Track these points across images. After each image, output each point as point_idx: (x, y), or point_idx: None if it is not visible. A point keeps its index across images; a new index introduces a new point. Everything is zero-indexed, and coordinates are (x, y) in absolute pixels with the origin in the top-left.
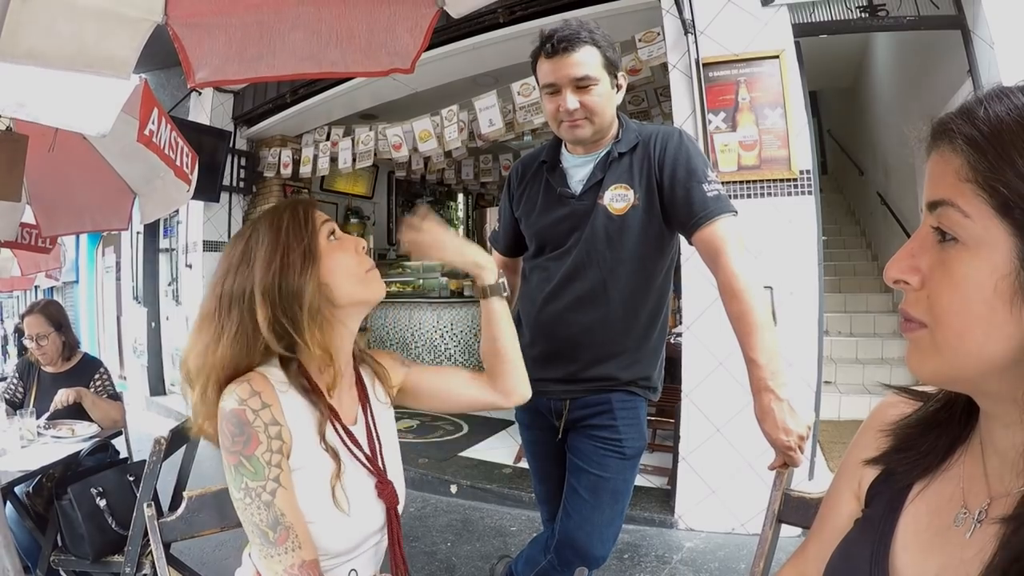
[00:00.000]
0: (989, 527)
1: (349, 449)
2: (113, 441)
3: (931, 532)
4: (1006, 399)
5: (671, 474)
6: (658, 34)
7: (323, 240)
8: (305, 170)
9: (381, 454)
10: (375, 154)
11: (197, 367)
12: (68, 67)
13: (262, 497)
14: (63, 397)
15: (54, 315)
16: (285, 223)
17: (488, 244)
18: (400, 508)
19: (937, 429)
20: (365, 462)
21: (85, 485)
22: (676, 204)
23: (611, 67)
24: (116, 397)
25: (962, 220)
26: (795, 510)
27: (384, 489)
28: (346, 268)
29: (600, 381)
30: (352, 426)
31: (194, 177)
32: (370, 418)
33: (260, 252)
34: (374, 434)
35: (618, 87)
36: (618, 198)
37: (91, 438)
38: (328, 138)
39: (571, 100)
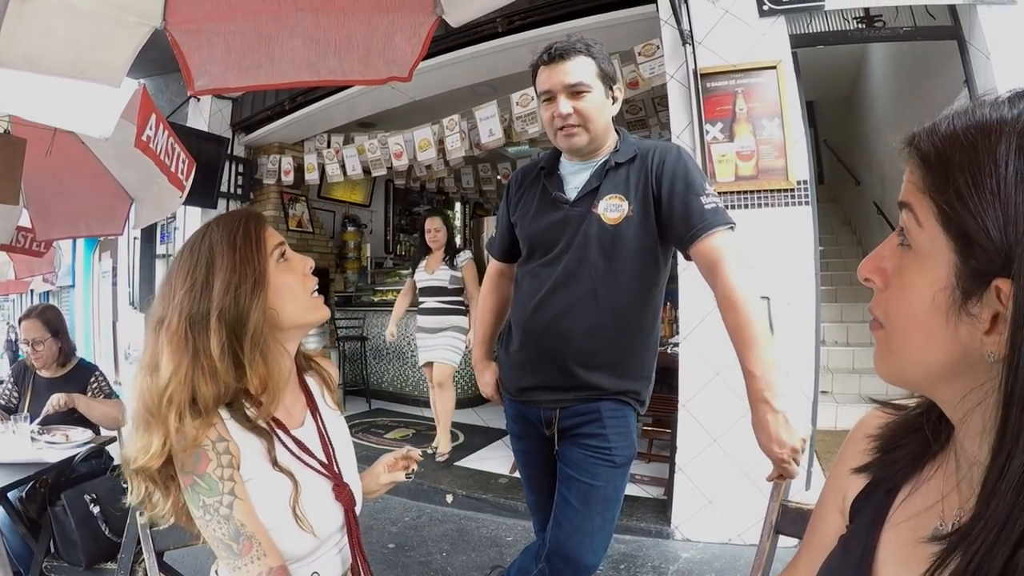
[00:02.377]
0: None
1: (300, 459)
2: (107, 447)
3: (911, 546)
4: (957, 406)
5: (667, 484)
6: (657, 47)
7: (272, 263)
8: (311, 177)
9: (335, 457)
10: (384, 163)
11: (175, 391)
12: (63, 73)
13: (220, 511)
14: (56, 401)
15: (51, 320)
16: (239, 243)
17: (484, 250)
18: (358, 509)
19: (919, 431)
20: (320, 468)
21: (79, 491)
22: (674, 217)
23: (606, 78)
24: (113, 395)
25: (916, 227)
26: (792, 521)
27: (341, 492)
28: (292, 291)
29: (589, 390)
30: (299, 428)
31: (188, 183)
32: (320, 423)
33: (220, 272)
34: (327, 438)
35: (614, 99)
36: (612, 208)
37: (85, 444)
38: (329, 145)
39: (564, 105)
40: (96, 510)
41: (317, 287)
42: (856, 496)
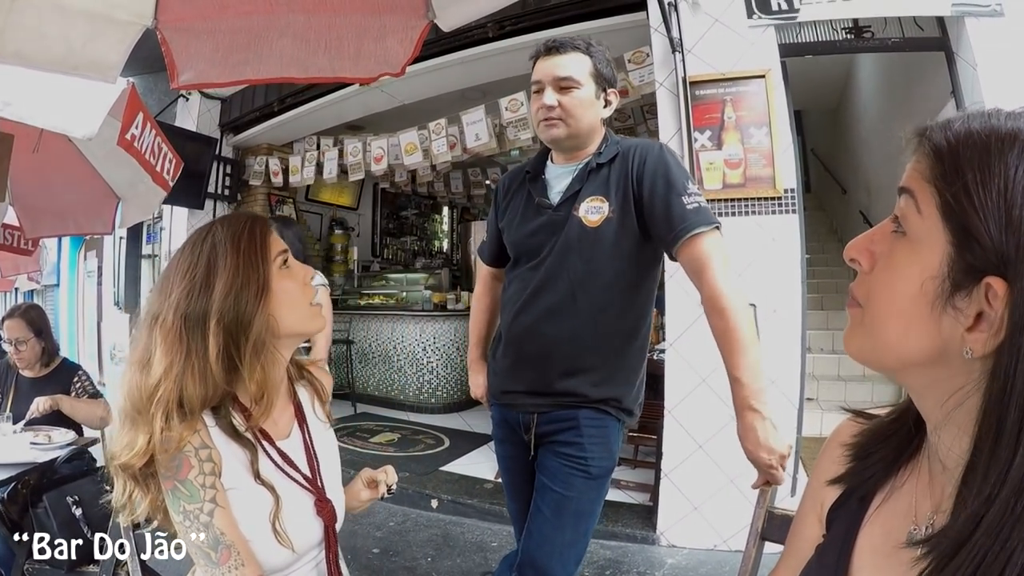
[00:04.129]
0: None
1: (285, 472)
2: (90, 449)
3: (885, 552)
4: (930, 400)
5: (653, 490)
6: (647, 55)
7: (275, 269)
8: (295, 179)
9: (319, 472)
10: (364, 166)
11: (166, 390)
12: (55, 69)
13: (200, 519)
14: (39, 406)
15: (35, 320)
16: (244, 246)
17: (474, 256)
18: (339, 525)
19: (892, 438)
20: (304, 482)
21: (61, 493)
22: (656, 218)
23: (600, 79)
24: (98, 395)
25: (915, 214)
26: (778, 528)
27: (323, 508)
28: (293, 299)
29: (568, 396)
30: (284, 440)
31: (173, 183)
32: (307, 435)
33: (222, 275)
34: (312, 451)
35: (607, 102)
36: (593, 210)
37: (68, 445)
38: (318, 147)
39: (549, 96)
40: (79, 512)
41: (317, 296)
42: (832, 504)
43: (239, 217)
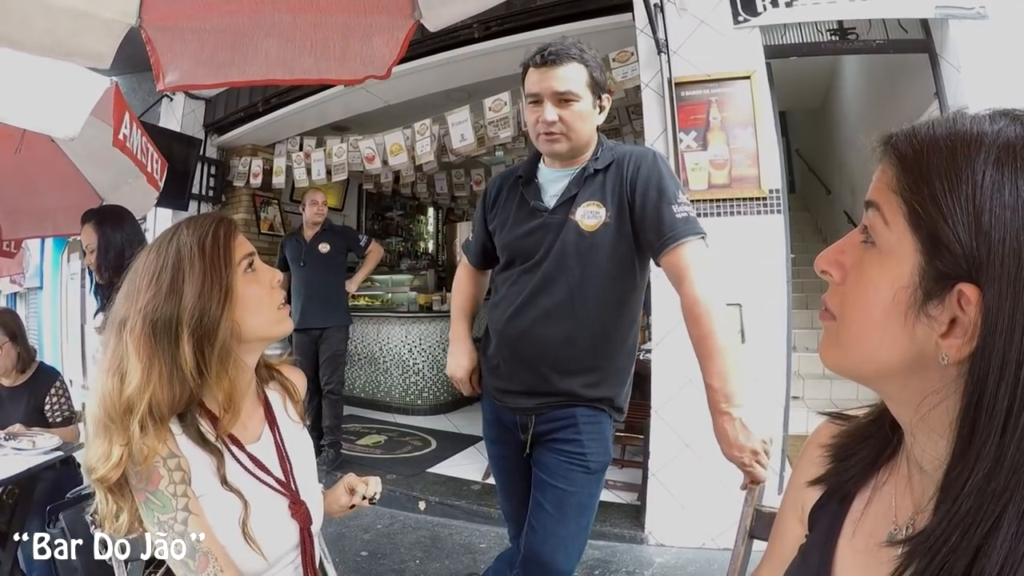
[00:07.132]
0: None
1: (255, 476)
2: (77, 455)
3: (867, 553)
4: (905, 405)
5: (641, 490)
6: (632, 54)
7: (240, 273)
8: (278, 180)
9: (292, 474)
10: (348, 166)
11: (144, 400)
12: (46, 54)
13: (175, 528)
14: (18, 431)
15: (9, 324)
16: (209, 250)
17: (459, 253)
18: (317, 527)
19: (870, 439)
20: (275, 485)
21: (78, 511)
22: (646, 224)
23: (596, 87)
24: (70, 420)
25: (882, 226)
26: (766, 526)
27: (297, 510)
28: (258, 304)
29: (564, 396)
30: (254, 443)
31: (161, 184)
32: (278, 437)
33: (189, 279)
34: (284, 452)
35: (601, 108)
36: (590, 215)
37: (53, 451)
38: (301, 149)
39: (550, 112)
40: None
41: (284, 299)
42: (813, 505)
43: (205, 219)
